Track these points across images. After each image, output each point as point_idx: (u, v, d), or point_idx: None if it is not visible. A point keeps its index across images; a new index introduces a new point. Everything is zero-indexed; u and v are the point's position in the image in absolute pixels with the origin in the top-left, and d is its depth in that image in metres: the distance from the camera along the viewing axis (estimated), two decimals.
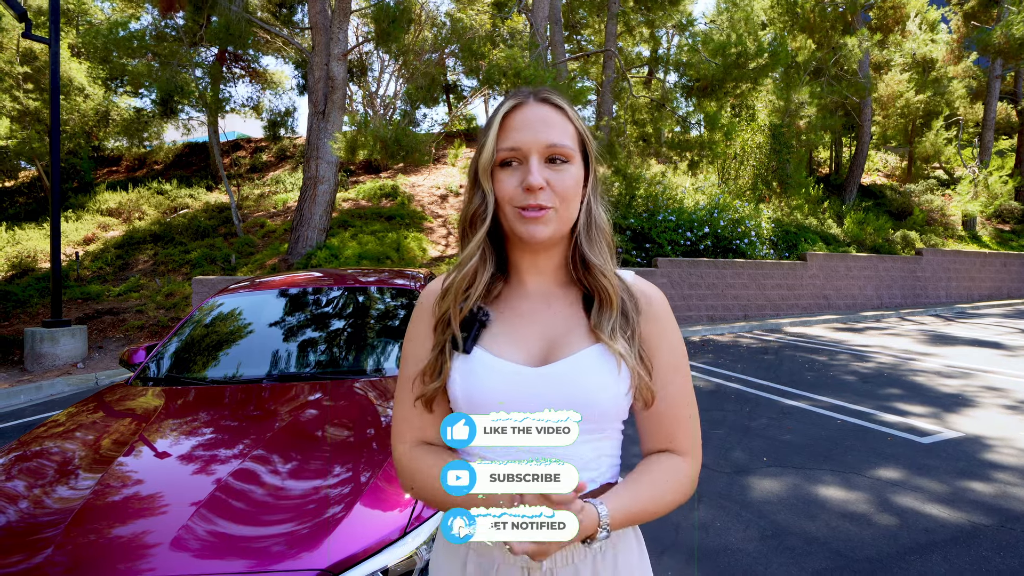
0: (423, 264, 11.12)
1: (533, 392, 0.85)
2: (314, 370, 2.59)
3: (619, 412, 0.88)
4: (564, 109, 0.89)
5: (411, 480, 0.91)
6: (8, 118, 13.11)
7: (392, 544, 1.48)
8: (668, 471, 0.89)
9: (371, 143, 9.44)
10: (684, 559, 2.68)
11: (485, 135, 0.89)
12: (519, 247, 0.93)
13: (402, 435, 0.95)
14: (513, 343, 0.89)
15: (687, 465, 0.91)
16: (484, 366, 0.87)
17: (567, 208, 0.87)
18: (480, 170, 0.89)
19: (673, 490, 0.87)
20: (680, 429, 0.92)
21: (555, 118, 0.87)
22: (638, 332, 0.90)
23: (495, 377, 0.86)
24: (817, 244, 13.83)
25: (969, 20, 19.95)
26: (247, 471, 1.69)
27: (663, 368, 0.91)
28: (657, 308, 0.93)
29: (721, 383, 6.22)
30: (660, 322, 0.93)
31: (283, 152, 18.75)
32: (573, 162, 0.87)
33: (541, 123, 0.86)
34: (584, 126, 0.91)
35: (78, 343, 7.84)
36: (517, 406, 0.84)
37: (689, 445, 0.92)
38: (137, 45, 11.60)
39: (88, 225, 13.51)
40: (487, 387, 0.86)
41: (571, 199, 0.87)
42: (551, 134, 0.85)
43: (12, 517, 1.53)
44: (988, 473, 3.67)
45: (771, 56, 12.61)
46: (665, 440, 0.92)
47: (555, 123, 0.86)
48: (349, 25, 11.27)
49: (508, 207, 0.87)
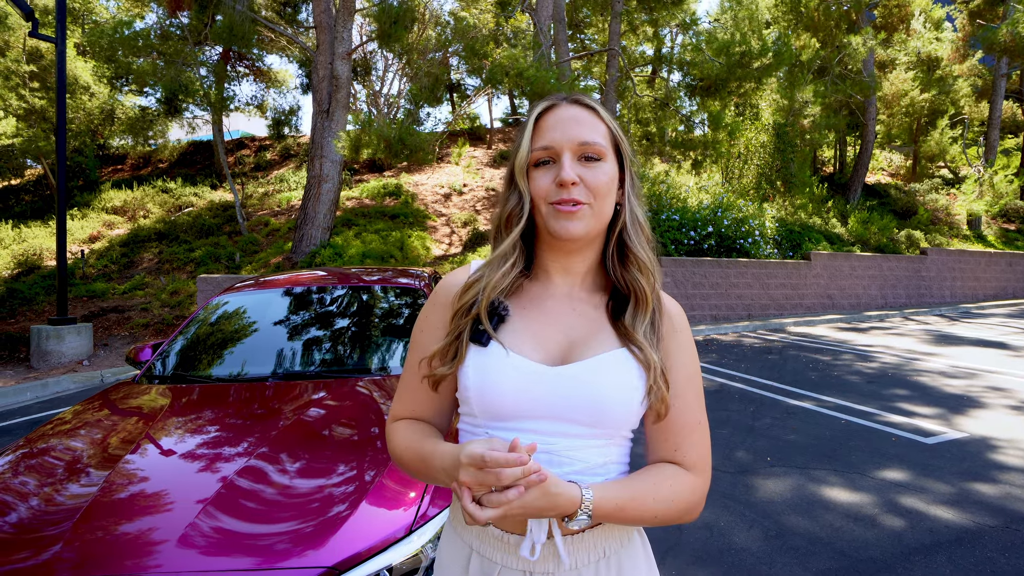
0: (427, 263, 11.14)
1: (546, 391, 0.84)
2: (319, 369, 2.60)
3: (632, 420, 0.87)
4: (595, 109, 0.91)
5: (392, 453, 0.96)
6: (14, 116, 13.18)
7: (397, 542, 1.48)
8: (670, 477, 0.87)
9: (375, 142, 9.46)
10: (688, 560, 2.68)
11: (520, 137, 0.91)
12: (551, 248, 0.93)
13: (394, 413, 1.00)
14: (532, 340, 0.89)
15: (692, 477, 0.88)
16: (499, 360, 0.86)
17: (601, 205, 0.88)
18: (516, 170, 0.90)
19: (673, 498, 0.85)
20: (686, 442, 0.90)
21: (586, 117, 0.89)
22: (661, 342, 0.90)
23: (508, 372, 0.85)
24: (821, 243, 13.79)
25: (974, 18, 19.85)
26: (253, 469, 1.70)
27: (678, 381, 0.90)
28: (677, 320, 0.93)
29: (725, 383, 6.21)
30: (679, 334, 0.92)
31: (287, 151, 18.79)
32: (606, 159, 0.88)
33: (573, 122, 0.88)
34: (617, 126, 0.92)
35: (84, 341, 7.88)
36: (528, 403, 0.84)
37: (695, 459, 0.89)
38: (142, 44, 11.63)
39: (93, 223, 13.57)
40: (499, 381, 0.85)
41: (605, 195, 0.88)
42: (582, 132, 0.87)
43: (21, 514, 1.54)
44: (993, 474, 3.66)
45: (775, 55, 12.58)
46: (670, 451, 0.90)
47: (586, 122, 0.88)
48: (353, 24, 11.28)
49: (543, 205, 0.88)
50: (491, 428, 0.87)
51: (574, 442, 0.85)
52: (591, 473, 0.85)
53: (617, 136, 0.91)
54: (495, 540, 0.88)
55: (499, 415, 0.86)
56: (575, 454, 0.84)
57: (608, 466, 0.88)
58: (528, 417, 0.85)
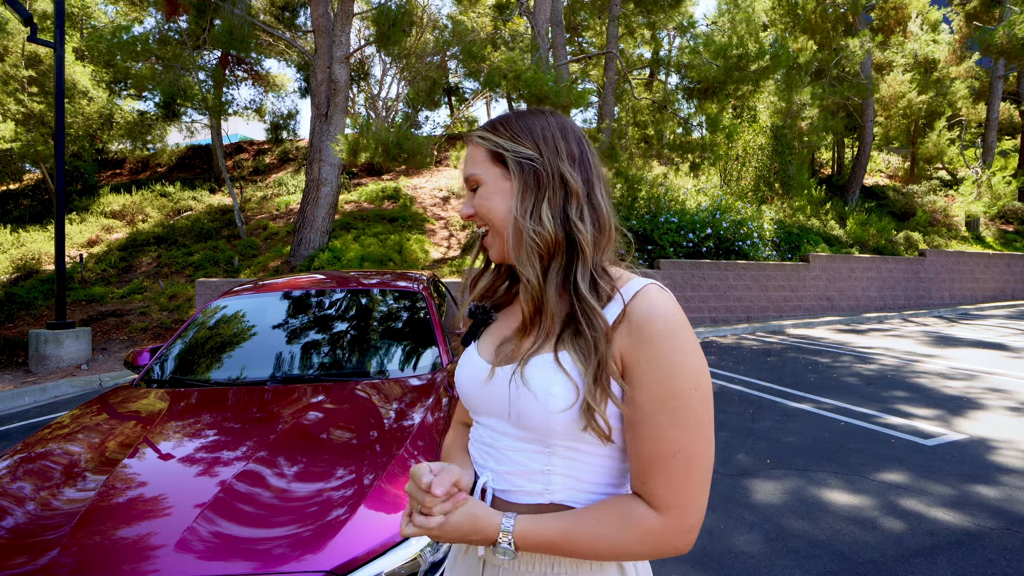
0: (425, 266, 11.14)
1: (487, 390, 0.88)
2: (317, 372, 2.60)
3: (558, 430, 0.80)
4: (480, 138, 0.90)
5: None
6: (13, 121, 13.17)
7: (396, 547, 1.48)
8: (622, 514, 0.77)
9: (373, 146, 9.47)
10: (688, 563, 2.68)
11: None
12: None
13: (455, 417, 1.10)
14: (494, 341, 0.93)
15: (655, 517, 0.76)
16: (465, 359, 0.96)
17: (497, 226, 0.88)
18: None
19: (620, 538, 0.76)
20: (654, 476, 0.77)
21: (471, 152, 0.91)
22: (605, 352, 0.78)
23: (464, 372, 0.94)
24: (820, 245, 13.81)
25: (971, 20, 19.92)
26: (251, 473, 1.69)
27: (643, 402, 0.77)
28: (647, 328, 0.78)
29: (724, 385, 6.21)
30: (649, 345, 0.77)
31: (286, 154, 18.80)
32: (484, 182, 0.88)
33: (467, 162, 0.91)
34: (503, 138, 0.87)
35: (82, 345, 7.86)
36: (478, 401, 0.91)
37: (664, 495, 0.76)
38: (141, 48, 11.64)
39: (92, 227, 13.56)
40: (461, 378, 0.95)
41: (492, 218, 0.88)
42: (466, 169, 0.91)
43: (18, 519, 1.53)
44: (993, 476, 3.65)
45: (772, 58, 12.61)
46: (638, 484, 0.79)
47: (470, 158, 0.91)
48: (351, 28, 11.31)
49: None
50: (475, 421, 0.95)
51: (513, 443, 0.86)
52: (527, 477, 0.84)
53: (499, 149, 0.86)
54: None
55: (469, 410, 0.94)
56: (512, 455, 0.86)
57: (550, 476, 0.82)
58: (482, 413, 0.91)
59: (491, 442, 0.89)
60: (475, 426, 0.95)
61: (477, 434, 0.94)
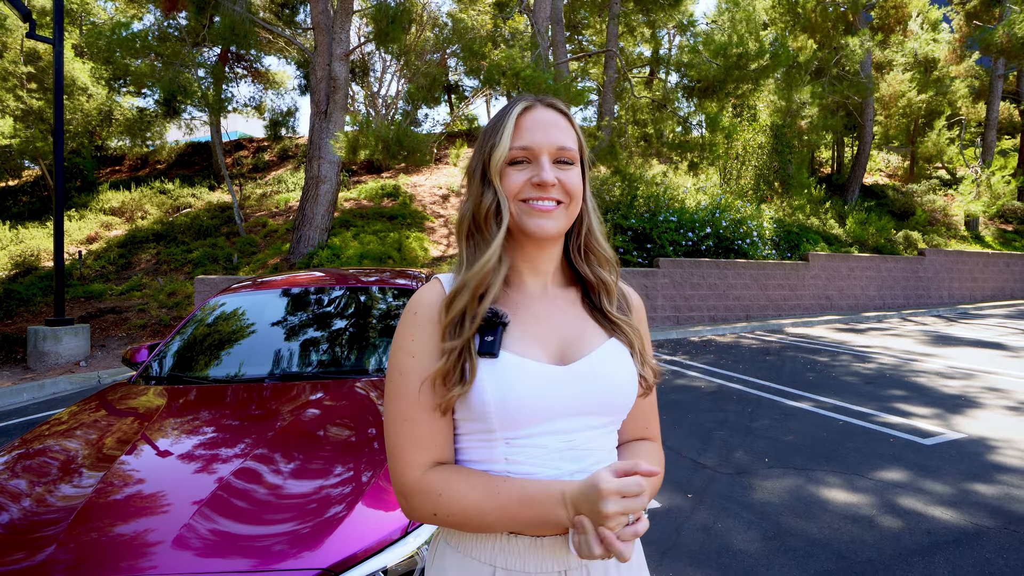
0: (424, 264, 11.13)
1: (563, 390, 0.85)
2: (316, 370, 2.59)
3: (633, 401, 0.94)
4: (568, 115, 0.94)
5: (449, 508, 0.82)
6: (12, 117, 13.14)
7: (393, 544, 1.48)
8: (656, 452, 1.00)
9: (373, 143, 9.46)
10: (686, 561, 2.68)
11: (496, 135, 0.90)
12: (520, 247, 0.93)
13: (414, 463, 0.84)
14: (536, 344, 0.88)
15: (659, 448, 1.03)
16: (516, 368, 0.84)
17: (574, 206, 0.92)
18: (492, 167, 0.89)
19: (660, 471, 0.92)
20: (652, 416, 1.03)
21: (562, 122, 0.91)
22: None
23: (528, 379, 0.83)
24: (819, 244, 13.81)
25: (971, 19, 19.91)
26: (249, 470, 1.69)
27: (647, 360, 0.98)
28: (635, 303, 1.02)
29: (723, 384, 6.21)
30: (638, 314, 1.01)
31: (285, 152, 18.77)
32: (577, 164, 0.92)
33: (552, 126, 0.90)
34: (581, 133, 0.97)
35: (81, 342, 7.86)
36: (546, 406, 0.84)
37: (656, 431, 1.04)
38: (140, 45, 11.62)
39: (91, 224, 13.54)
40: (520, 389, 0.83)
41: (577, 197, 0.91)
42: (560, 136, 0.90)
43: (15, 515, 1.53)
44: (991, 475, 3.66)
45: (772, 56, 12.60)
46: (641, 428, 1.01)
47: (562, 127, 0.91)
48: (351, 25, 11.29)
49: (513, 203, 0.89)
50: (509, 438, 0.84)
51: (590, 434, 0.88)
52: (606, 460, 0.91)
53: (582, 143, 0.95)
54: (526, 548, 0.85)
55: (519, 423, 0.83)
56: (592, 444, 0.89)
57: (613, 450, 0.95)
58: (546, 419, 0.85)
59: (565, 445, 0.85)
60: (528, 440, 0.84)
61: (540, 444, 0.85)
